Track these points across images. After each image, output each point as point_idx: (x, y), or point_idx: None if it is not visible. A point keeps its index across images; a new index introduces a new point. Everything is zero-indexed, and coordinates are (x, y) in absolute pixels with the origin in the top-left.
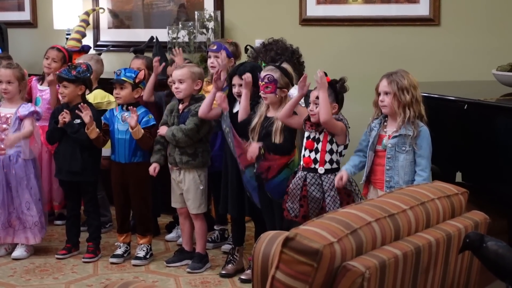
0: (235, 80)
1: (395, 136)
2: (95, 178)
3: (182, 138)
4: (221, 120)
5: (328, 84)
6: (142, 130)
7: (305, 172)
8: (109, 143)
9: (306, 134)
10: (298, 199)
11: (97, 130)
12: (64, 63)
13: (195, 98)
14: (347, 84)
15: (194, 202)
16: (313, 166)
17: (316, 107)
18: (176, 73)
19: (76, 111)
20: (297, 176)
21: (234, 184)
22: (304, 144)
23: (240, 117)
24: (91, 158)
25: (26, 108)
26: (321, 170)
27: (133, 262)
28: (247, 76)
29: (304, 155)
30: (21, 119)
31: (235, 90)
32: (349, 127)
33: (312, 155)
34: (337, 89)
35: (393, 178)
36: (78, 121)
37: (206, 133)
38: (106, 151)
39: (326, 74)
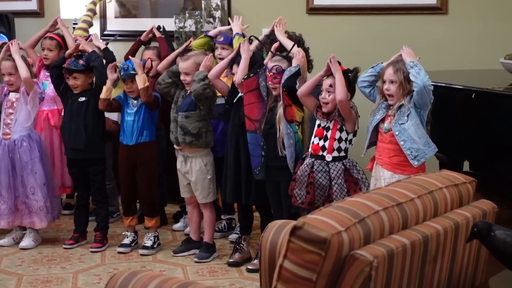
0: (235, 69)
1: (394, 115)
2: (99, 155)
3: (199, 86)
4: (259, 75)
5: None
6: (146, 80)
7: (313, 159)
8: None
9: (317, 122)
10: (305, 186)
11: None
12: (60, 49)
13: None
14: (360, 74)
15: (203, 192)
16: (321, 153)
17: (329, 95)
18: (182, 66)
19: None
20: (305, 162)
21: (232, 170)
22: (314, 131)
23: (238, 79)
24: (95, 136)
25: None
26: (328, 157)
27: (141, 251)
28: (245, 41)
29: (313, 142)
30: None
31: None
32: (359, 116)
33: (321, 142)
34: (350, 78)
35: (412, 148)
36: (83, 98)
37: (208, 108)
38: (114, 115)
39: (340, 63)
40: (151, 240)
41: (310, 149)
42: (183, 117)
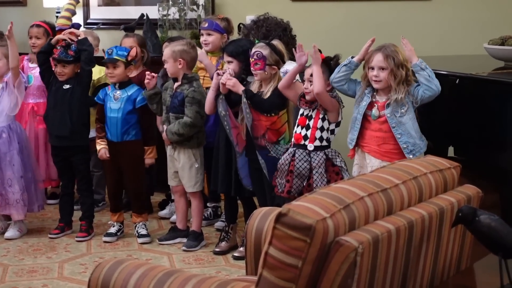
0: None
1: (388, 105)
2: (84, 143)
3: (189, 131)
4: (217, 103)
5: (323, 61)
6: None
7: (295, 148)
8: None
9: (301, 111)
10: (285, 175)
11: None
12: (48, 36)
13: (188, 77)
14: (341, 61)
15: (190, 181)
16: (303, 142)
17: (311, 85)
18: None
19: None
20: (287, 152)
21: (223, 161)
22: (297, 120)
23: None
24: (80, 123)
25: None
26: (310, 146)
27: (140, 240)
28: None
29: (295, 131)
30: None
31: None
32: (343, 106)
33: (303, 131)
34: (331, 66)
35: (409, 143)
36: (67, 86)
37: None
38: (93, 131)
39: (320, 51)
40: (143, 228)
41: (293, 139)
42: (174, 119)
